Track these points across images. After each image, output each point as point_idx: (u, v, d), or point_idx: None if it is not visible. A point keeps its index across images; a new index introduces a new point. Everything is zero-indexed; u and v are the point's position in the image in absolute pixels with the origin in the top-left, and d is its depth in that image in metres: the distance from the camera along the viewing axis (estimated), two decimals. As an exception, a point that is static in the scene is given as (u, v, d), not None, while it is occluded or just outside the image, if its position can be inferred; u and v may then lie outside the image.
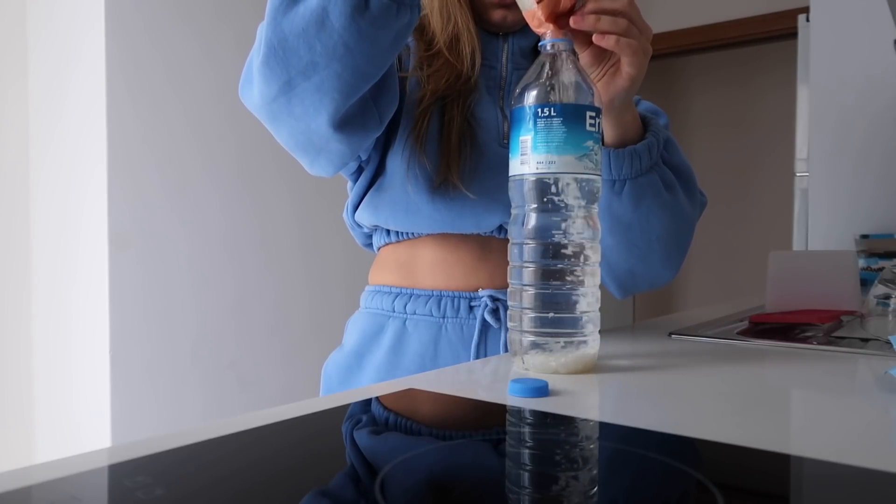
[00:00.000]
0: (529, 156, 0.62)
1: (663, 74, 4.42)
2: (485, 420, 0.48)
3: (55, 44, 1.78)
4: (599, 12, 0.66)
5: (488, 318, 0.82)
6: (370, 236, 0.92)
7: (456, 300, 0.84)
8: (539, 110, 0.61)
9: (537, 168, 0.61)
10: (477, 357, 0.82)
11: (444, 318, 0.83)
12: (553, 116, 0.60)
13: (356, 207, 0.89)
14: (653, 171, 0.76)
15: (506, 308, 0.68)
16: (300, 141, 0.73)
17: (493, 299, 0.83)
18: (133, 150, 1.76)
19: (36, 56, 1.81)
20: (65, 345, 1.79)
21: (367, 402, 0.52)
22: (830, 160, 2.02)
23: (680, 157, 0.81)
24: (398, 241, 0.88)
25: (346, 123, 0.71)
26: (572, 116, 0.61)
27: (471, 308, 0.84)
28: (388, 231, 0.88)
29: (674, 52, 3.49)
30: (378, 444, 0.42)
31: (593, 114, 0.62)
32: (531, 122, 0.61)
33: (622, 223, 0.78)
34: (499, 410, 0.50)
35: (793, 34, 2.43)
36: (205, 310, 1.92)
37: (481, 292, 0.83)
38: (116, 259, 1.72)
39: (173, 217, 1.85)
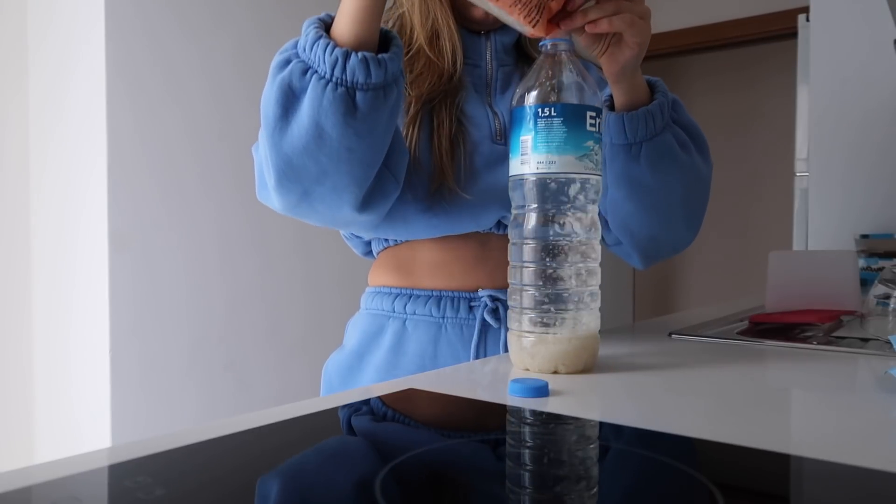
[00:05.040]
0: (530, 156, 0.62)
1: (663, 75, 4.41)
2: (485, 420, 0.48)
3: (55, 46, 1.78)
4: (586, 7, 0.66)
5: (488, 318, 0.82)
6: (369, 244, 0.92)
7: (456, 300, 0.84)
8: (539, 110, 0.61)
9: (538, 168, 0.61)
10: (477, 357, 0.82)
11: (443, 318, 0.83)
12: (553, 116, 0.61)
13: None
14: (666, 132, 0.77)
15: (506, 307, 0.69)
16: (330, 224, 0.77)
17: (493, 299, 0.83)
18: (132, 151, 1.76)
19: (36, 58, 1.81)
20: (65, 345, 1.79)
21: (367, 402, 0.52)
22: (830, 160, 2.02)
23: (688, 117, 0.81)
24: (396, 245, 0.88)
25: (367, 202, 0.73)
26: (572, 116, 0.61)
27: (470, 308, 0.83)
28: (386, 238, 0.88)
29: (674, 52, 3.49)
30: (378, 444, 0.42)
31: (594, 114, 0.62)
32: (531, 122, 0.61)
33: (642, 187, 0.78)
34: (499, 410, 0.50)
35: (793, 34, 2.43)
36: (204, 310, 1.92)
37: (481, 292, 0.83)
38: (116, 259, 1.72)
39: (173, 218, 1.85)
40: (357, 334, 0.89)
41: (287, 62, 0.67)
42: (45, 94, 1.80)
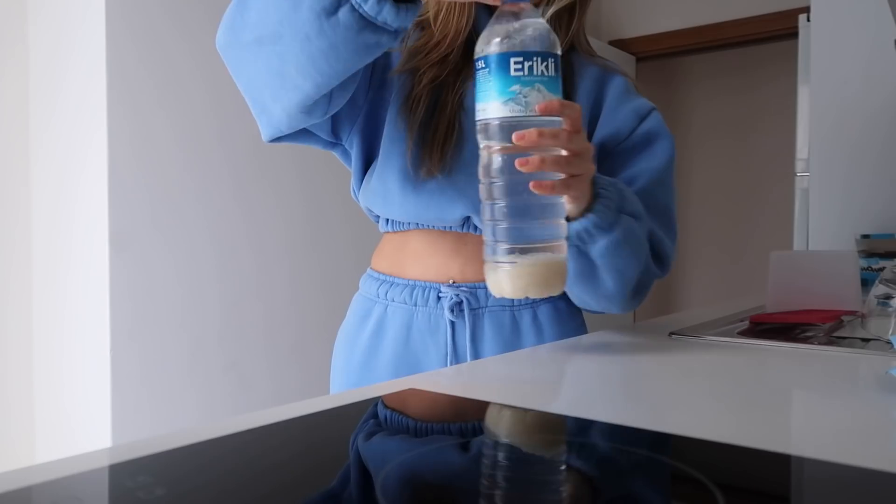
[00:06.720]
0: (477, 104, 0.66)
1: (663, 75, 4.42)
2: (485, 420, 0.48)
3: (56, 43, 1.78)
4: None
5: (451, 311, 0.84)
6: (378, 218, 0.94)
7: (427, 290, 0.87)
8: (476, 63, 0.65)
9: (479, 115, 0.66)
10: (446, 346, 0.85)
11: (415, 306, 0.87)
12: (483, 68, 0.65)
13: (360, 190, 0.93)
14: (614, 228, 0.73)
15: (469, 303, 0.81)
16: (253, 95, 0.79)
17: (459, 293, 0.85)
18: (132, 151, 1.76)
19: (36, 55, 1.81)
20: (65, 345, 1.79)
21: (368, 402, 0.52)
22: (831, 160, 2.02)
23: (635, 207, 0.78)
24: (394, 231, 0.91)
25: (310, 109, 0.74)
26: (496, 65, 0.63)
27: (438, 298, 0.86)
28: (387, 219, 0.91)
29: (674, 52, 3.48)
30: (378, 444, 0.42)
31: (519, 59, 0.63)
32: (476, 74, 0.66)
33: (591, 279, 0.77)
34: (498, 410, 0.50)
35: (793, 34, 2.43)
36: (205, 310, 1.92)
37: (446, 286, 0.86)
38: (116, 259, 1.72)
39: (173, 218, 1.85)
40: (351, 315, 0.95)
41: None
42: (44, 94, 1.80)
